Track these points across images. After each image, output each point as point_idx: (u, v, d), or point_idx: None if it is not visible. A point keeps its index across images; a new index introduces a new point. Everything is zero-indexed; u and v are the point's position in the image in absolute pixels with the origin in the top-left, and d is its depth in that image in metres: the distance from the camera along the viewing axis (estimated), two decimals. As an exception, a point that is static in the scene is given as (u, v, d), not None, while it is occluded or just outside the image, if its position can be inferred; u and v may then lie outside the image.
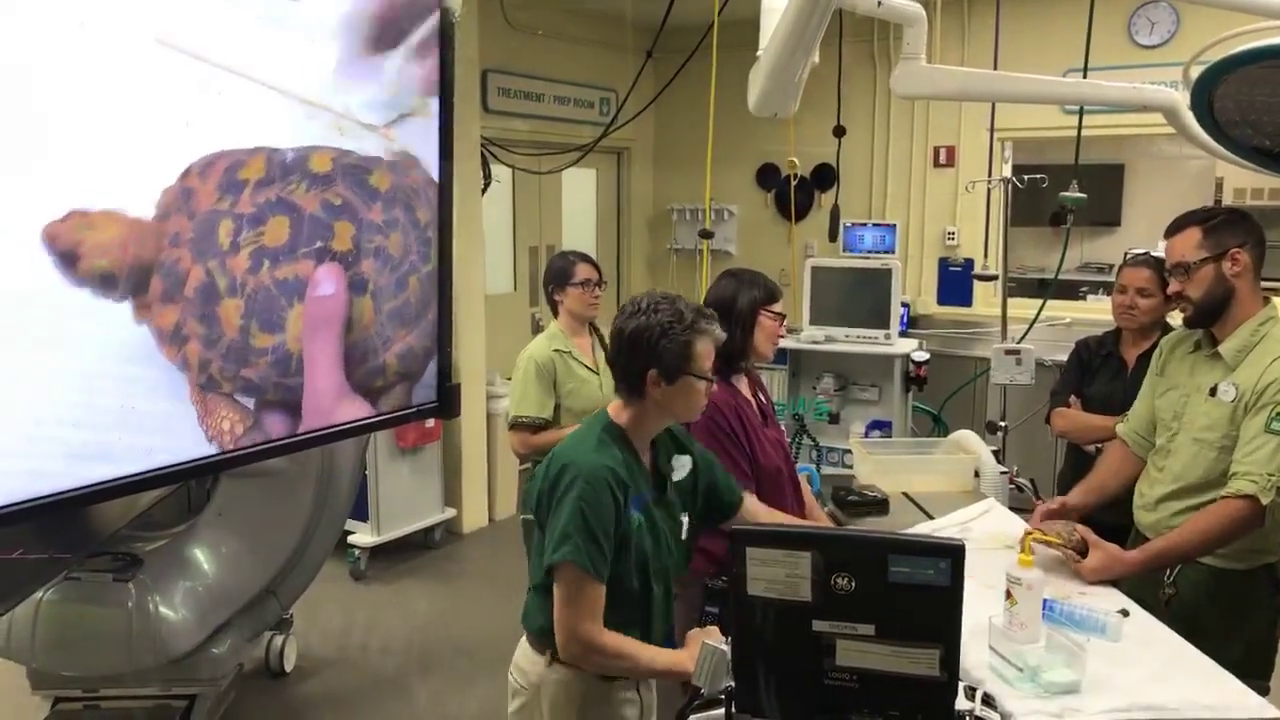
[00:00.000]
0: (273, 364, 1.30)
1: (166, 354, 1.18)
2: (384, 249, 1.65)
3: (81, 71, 1.09)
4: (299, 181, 1.32)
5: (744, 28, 2.76)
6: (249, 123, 1.27)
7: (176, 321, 1.20)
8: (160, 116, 1.16)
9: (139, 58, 1.14)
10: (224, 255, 1.24)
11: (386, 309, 1.82)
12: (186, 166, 1.21)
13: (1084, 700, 1.68)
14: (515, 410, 3.19)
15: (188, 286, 1.20)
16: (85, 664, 2.98)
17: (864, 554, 1.50)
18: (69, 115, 1.08)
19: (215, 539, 3.14)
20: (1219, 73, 2.09)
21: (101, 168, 1.12)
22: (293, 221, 1.31)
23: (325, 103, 1.36)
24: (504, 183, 6.36)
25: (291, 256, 1.31)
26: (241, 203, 1.25)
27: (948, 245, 6.46)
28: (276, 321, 1.29)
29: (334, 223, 1.36)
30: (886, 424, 4.47)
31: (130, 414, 1.18)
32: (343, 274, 1.45)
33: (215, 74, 1.21)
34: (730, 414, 2.46)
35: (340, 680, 3.90)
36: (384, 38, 1.44)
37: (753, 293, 2.53)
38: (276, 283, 1.29)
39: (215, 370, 1.25)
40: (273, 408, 1.34)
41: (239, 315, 1.26)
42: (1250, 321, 2.21)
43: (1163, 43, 5.59)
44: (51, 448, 1.11)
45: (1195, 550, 2.16)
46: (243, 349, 1.26)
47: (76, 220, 1.07)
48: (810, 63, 2.45)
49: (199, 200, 1.21)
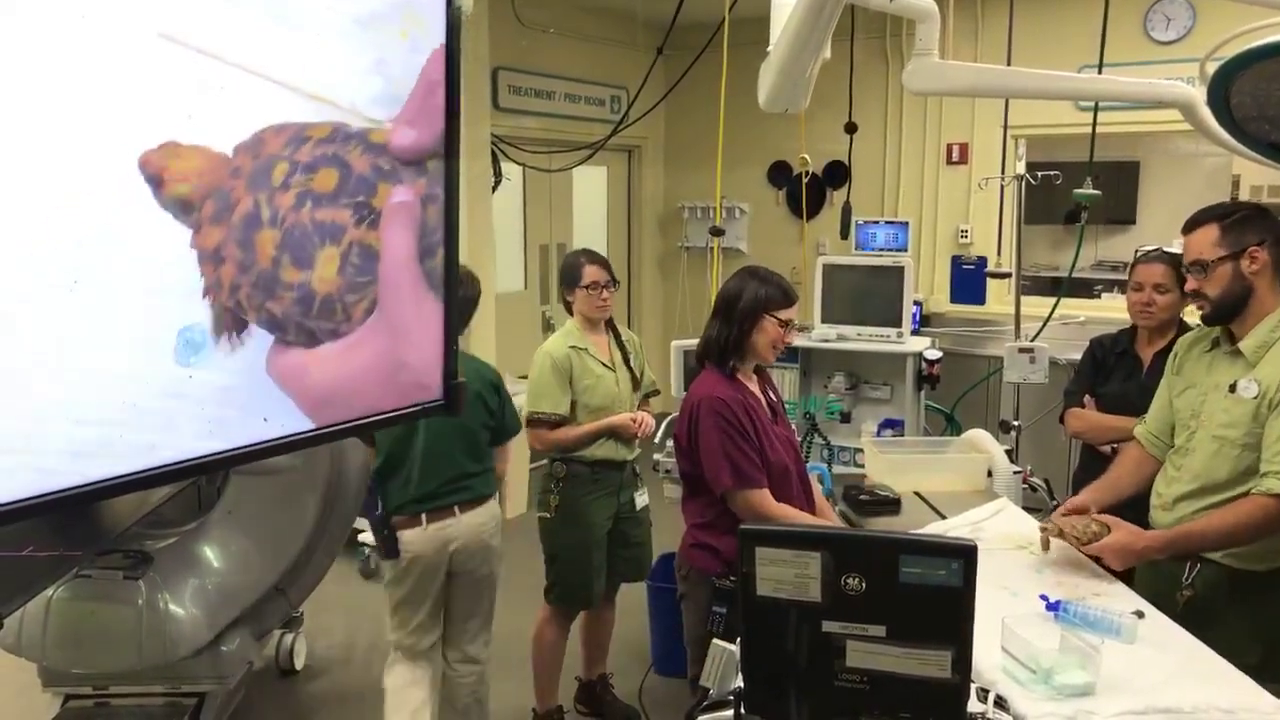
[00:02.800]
0: (296, 300, 1.34)
1: (205, 271, 1.24)
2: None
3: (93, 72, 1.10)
4: (356, 145, 1.39)
5: (755, 25, 2.75)
6: (253, 119, 1.27)
7: (219, 243, 1.26)
8: (160, 113, 1.16)
9: (140, 53, 1.14)
10: (274, 190, 1.30)
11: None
12: (261, 128, 1.30)
13: (1098, 703, 1.66)
14: (531, 406, 3.21)
15: (235, 213, 1.26)
16: (95, 661, 2.99)
17: (875, 554, 1.48)
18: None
19: (225, 537, 3.14)
20: (1236, 68, 2.07)
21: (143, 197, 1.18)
22: (341, 175, 1.38)
23: (330, 97, 1.35)
24: (514, 181, 6.36)
25: (334, 203, 1.37)
26: (301, 152, 1.32)
27: (961, 243, 6.43)
28: (306, 259, 1.35)
29: (379, 183, 1.42)
30: (898, 423, 4.44)
31: (132, 410, 1.17)
32: (417, 196, 1.50)
33: (216, 69, 1.21)
34: (738, 409, 2.44)
35: (350, 679, 3.90)
36: (390, 30, 1.43)
37: (761, 290, 2.49)
38: (314, 222, 1.35)
39: (244, 296, 1.30)
40: (290, 348, 1.37)
41: (273, 246, 1.31)
42: (1271, 318, 2.18)
43: (1179, 38, 5.55)
44: (53, 444, 1.11)
45: (1219, 542, 2.14)
46: (271, 280, 1.32)
47: (169, 149, 1.17)
48: (821, 58, 2.43)
49: (266, 147, 1.29)
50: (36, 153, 1.05)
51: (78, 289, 1.10)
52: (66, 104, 1.09)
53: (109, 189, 1.14)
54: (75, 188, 1.10)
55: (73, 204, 1.10)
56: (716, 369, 2.53)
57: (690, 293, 7.52)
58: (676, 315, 7.58)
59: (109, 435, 1.14)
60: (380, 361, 1.41)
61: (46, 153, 1.05)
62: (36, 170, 1.06)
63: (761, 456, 2.45)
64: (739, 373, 2.54)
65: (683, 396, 3.72)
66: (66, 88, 1.08)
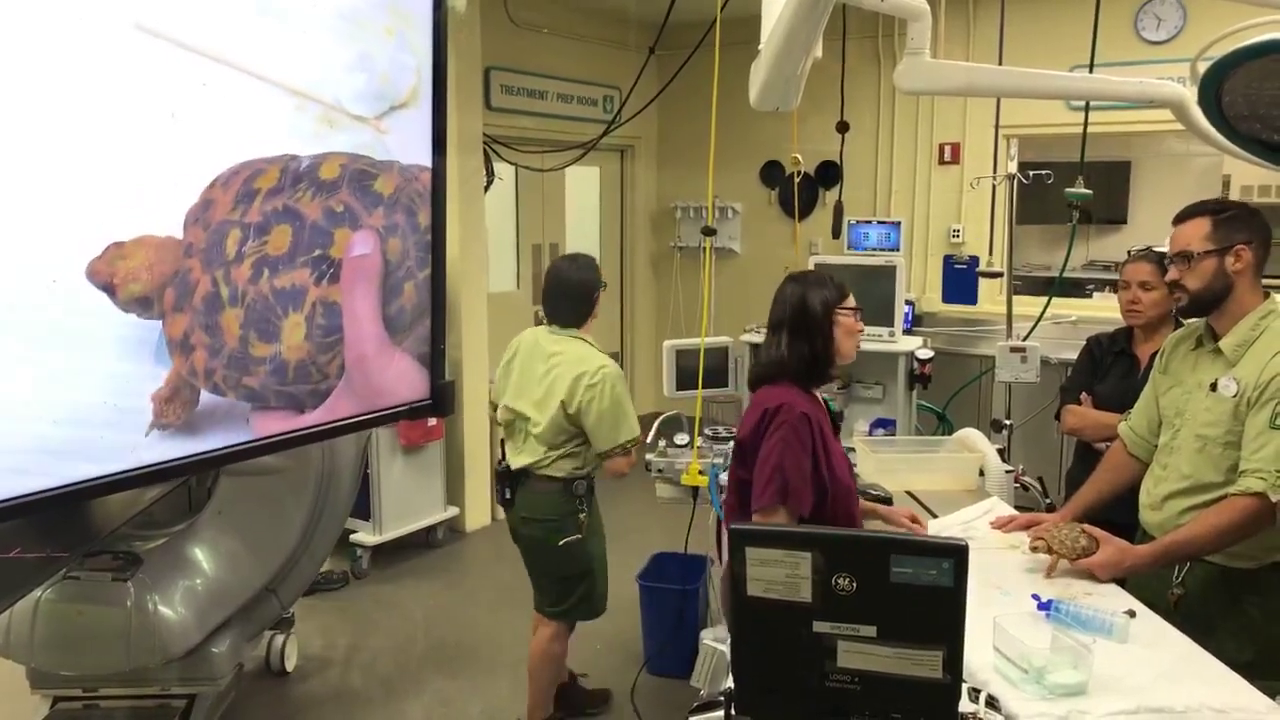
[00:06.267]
0: (271, 372, 1.30)
1: (176, 362, 1.19)
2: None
3: (69, 64, 1.07)
4: (306, 189, 1.33)
5: (747, 24, 2.74)
6: (235, 116, 1.25)
7: (185, 330, 1.21)
8: (143, 109, 1.14)
9: (118, 46, 1.12)
10: (229, 265, 1.25)
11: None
12: (213, 179, 1.23)
13: (1090, 702, 1.65)
14: (630, 435, 3.12)
15: (196, 296, 1.21)
16: (84, 663, 2.97)
17: (866, 554, 1.47)
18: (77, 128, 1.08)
19: (215, 538, 3.12)
20: (1227, 66, 2.06)
21: (127, 192, 1.13)
22: (294, 230, 1.32)
23: (315, 94, 1.33)
24: (507, 181, 6.35)
25: (290, 265, 1.31)
26: (251, 212, 1.26)
27: (952, 243, 6.43)
28: (272, 331, 1.30)
29: (334, 230, 1.37)
30: (890, 422, 4.43)
31: (113, 411, 1.16)
32: (377, 237, 1.46)
33: (200, 64, 1.19)
34: (815, 428, 2.30)
35: (341, 680, 3.89)
36: (375, 26, 1.42)
37: (823, 293, 2.38)
38: (274, 291, 1.30)
39: (219, 378, 1.25)
40: (274, 412, 1.34)
41: (238, 324, 1.26)
42: (1250, 316, 2.20)
43: (1170, 38, 5.56)
44: (31, 444, 1.09)
45: (1207, 546, 2.14)
46: (243, 358, 1.27)
47: (113, 252, 1.11)
48: (813, 57, 2.42)
49: (215, 211, 1.23)
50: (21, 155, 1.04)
51: (56, 288, 1.09)
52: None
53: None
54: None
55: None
56: (795, 384, 2.38)
57: (683, 293, 7.52)
58: (669, 315, 7.57)
59: (89, 436, 1.13)
60: (357, 409, 1.39)
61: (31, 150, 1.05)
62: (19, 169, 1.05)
63: (824, 478, 2.30)
64: (814, 387, 2.43)
65: (677, 395, 3.76)
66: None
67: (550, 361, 3.12)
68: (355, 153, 1.69)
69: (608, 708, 3.61)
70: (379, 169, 1.93)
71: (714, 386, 3.75)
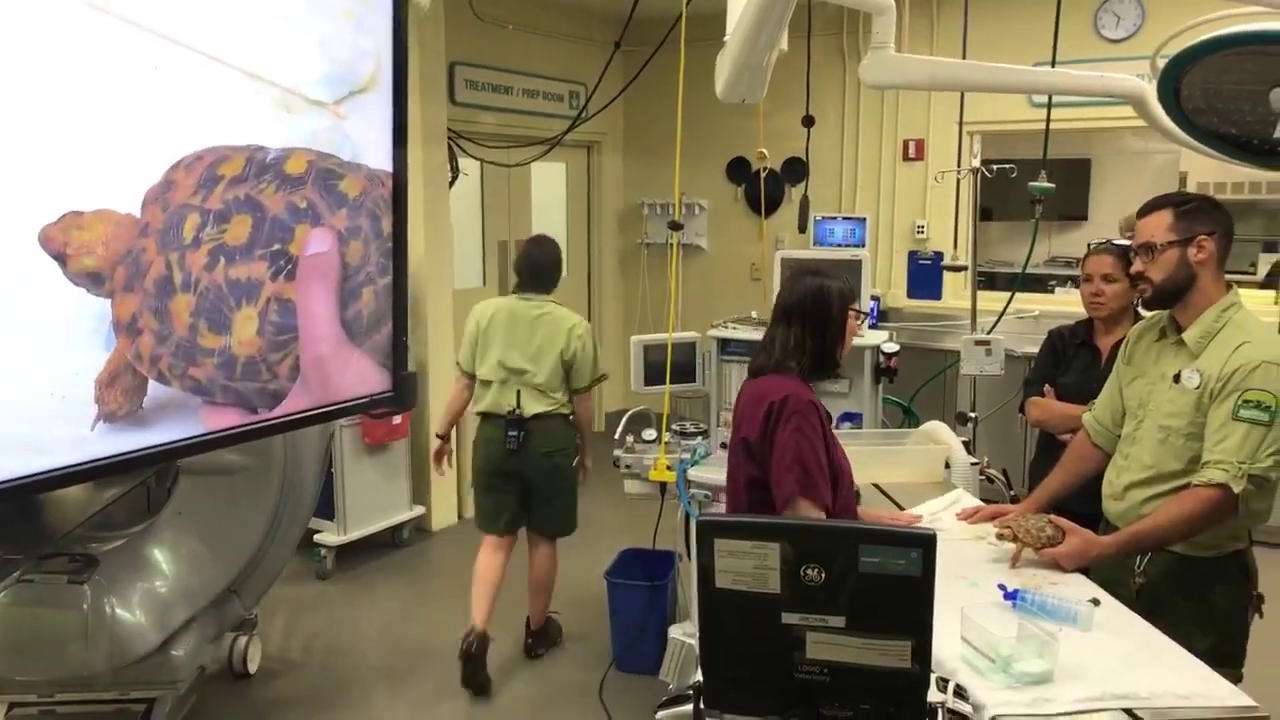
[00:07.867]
0: (219, 365, 1.26)
1: (121, 344, 1.15)
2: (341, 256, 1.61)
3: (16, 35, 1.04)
4: (270, 181, 1.30)
5: (712, 20, 2.73)
6: (191, 97, 1.22)
7: (134, 312, 1.16)
8: (98, 93, 1.11)
9: (68, 25, 1.09)
10: (185, 249, 1.21)
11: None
12: (176, 160, 1.19)
13: (1056, 690, 1.66)
14: (600, 372, 3.81)
15: (148, 278, 1.17)
16: (40, 668, 2.91)
17: (834, 544, 1.47)
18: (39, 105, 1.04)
19: (175, 538, 3.07)
20: (1186, 60, 2.08)
21: (91, 166, 1.09)
22: (255, 221, 1.28)
23: (270, 77, 1.30)
24: (472, 176, 6.30)
25: (248, 256, 1.28)
26: (212, 198, 1.23)
27: (917, 238, 6.48)
28: (223, 322, 1.26)
29: (295, 226, 1.33)
30: (857, 416, 4.44)
31: (62, 402, 1.12)
32: (335, 236, 1.42)
33: (152, 45, 1.16)
34: (821, 415, 2.29)
35: (305, 682, 3.84)
36: (333, 9, 1.39)
37: (842, 289, 2.35)
38: (229, 282, 1.26)
39: (164, 366, 1.21)
40: (224, 409, 1.30)
41: (189, 312, 1.22)
42: (1213, 308, 2.22)
43: (1129, 36, 5.64)
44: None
45: (1171, 536, 2.16)
46: (191, 347, 1.23)
47: (69, 220, 1.07)
48: (779, 50, 2.42)
49: (176, 193, 1.19)
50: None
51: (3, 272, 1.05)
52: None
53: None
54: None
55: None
56: (795, 376, 2.34)
57: (650, 289, 7.51)
58: (637, 311, 7.56)
59: (35, 430, 1.09)
60: (313, 404, 1.36)
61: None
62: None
63: (832, 468, 2.29)
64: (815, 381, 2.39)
65: (645, 391, 3.75)
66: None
67: (537, 322, 3.69)
68: (322, 150, 1.66)
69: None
70: (345, 170, 1.88)
71: (682, 381, 3.75)
